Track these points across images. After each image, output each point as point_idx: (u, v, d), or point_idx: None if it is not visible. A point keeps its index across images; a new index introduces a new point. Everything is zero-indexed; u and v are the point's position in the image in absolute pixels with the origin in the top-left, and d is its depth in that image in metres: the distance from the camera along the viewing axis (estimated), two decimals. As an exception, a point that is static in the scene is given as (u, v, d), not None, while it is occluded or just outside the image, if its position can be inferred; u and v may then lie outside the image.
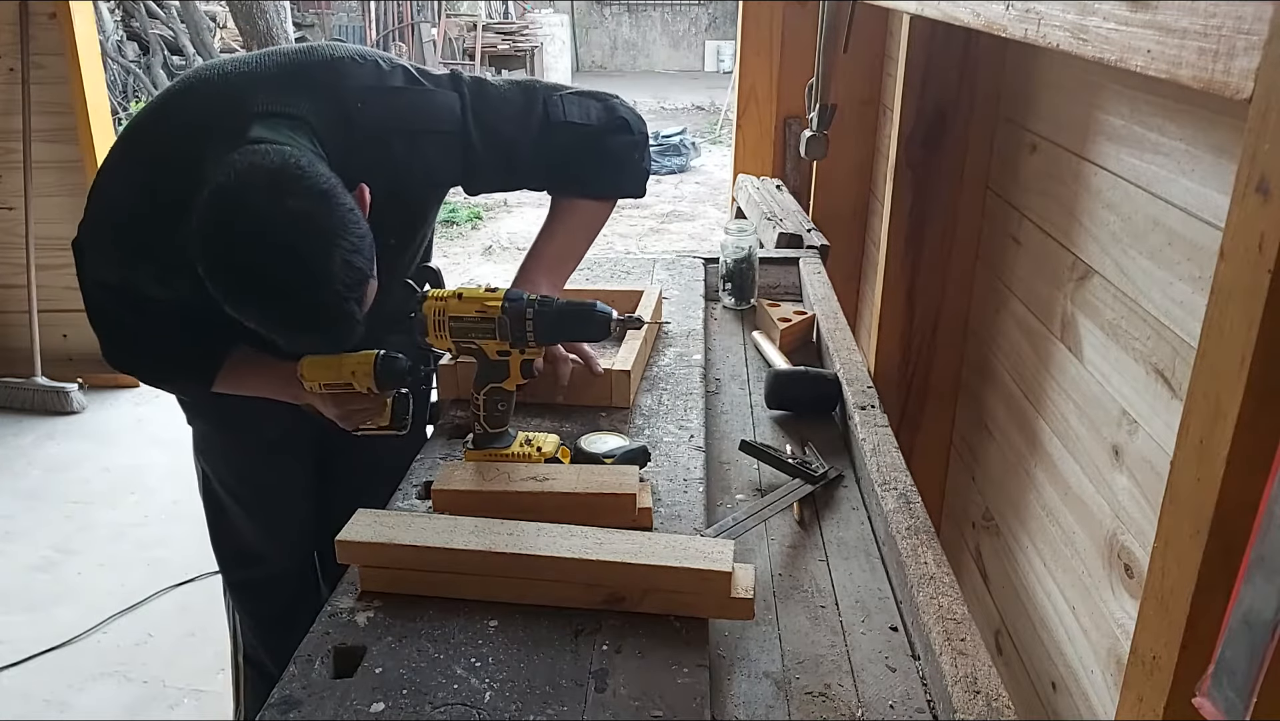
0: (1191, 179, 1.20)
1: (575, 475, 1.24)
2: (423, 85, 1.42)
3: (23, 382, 3.82)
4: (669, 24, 15.76)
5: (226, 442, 1.70)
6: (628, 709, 0.93)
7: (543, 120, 1.48)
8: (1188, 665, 0.74)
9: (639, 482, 1.24)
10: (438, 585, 1.09)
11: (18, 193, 3.75)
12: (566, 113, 1.50)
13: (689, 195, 8.06)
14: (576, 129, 1.50)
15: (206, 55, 9.11)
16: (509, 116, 1.47)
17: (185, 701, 2.39)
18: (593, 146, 1.53)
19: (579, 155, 1.53)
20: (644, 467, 1.34)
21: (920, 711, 1.00)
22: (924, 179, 2.03)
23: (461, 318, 1.28)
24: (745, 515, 1.31)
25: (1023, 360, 1.81)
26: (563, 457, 1.36)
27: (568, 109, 1.50)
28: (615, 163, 1.57)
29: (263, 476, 1.72)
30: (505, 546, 1.08)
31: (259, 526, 1.77)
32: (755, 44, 3.18)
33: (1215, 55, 0.67)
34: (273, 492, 1.74)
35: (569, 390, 1.53)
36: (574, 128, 1.50)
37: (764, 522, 1.34)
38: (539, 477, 1.23)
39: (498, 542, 1.08)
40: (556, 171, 1.54)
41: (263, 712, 0.93)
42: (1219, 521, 0.70)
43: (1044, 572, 1.67)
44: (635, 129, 1.57)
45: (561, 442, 1.39)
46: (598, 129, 1.53)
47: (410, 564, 1.09)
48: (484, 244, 6.79)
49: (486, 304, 1.27)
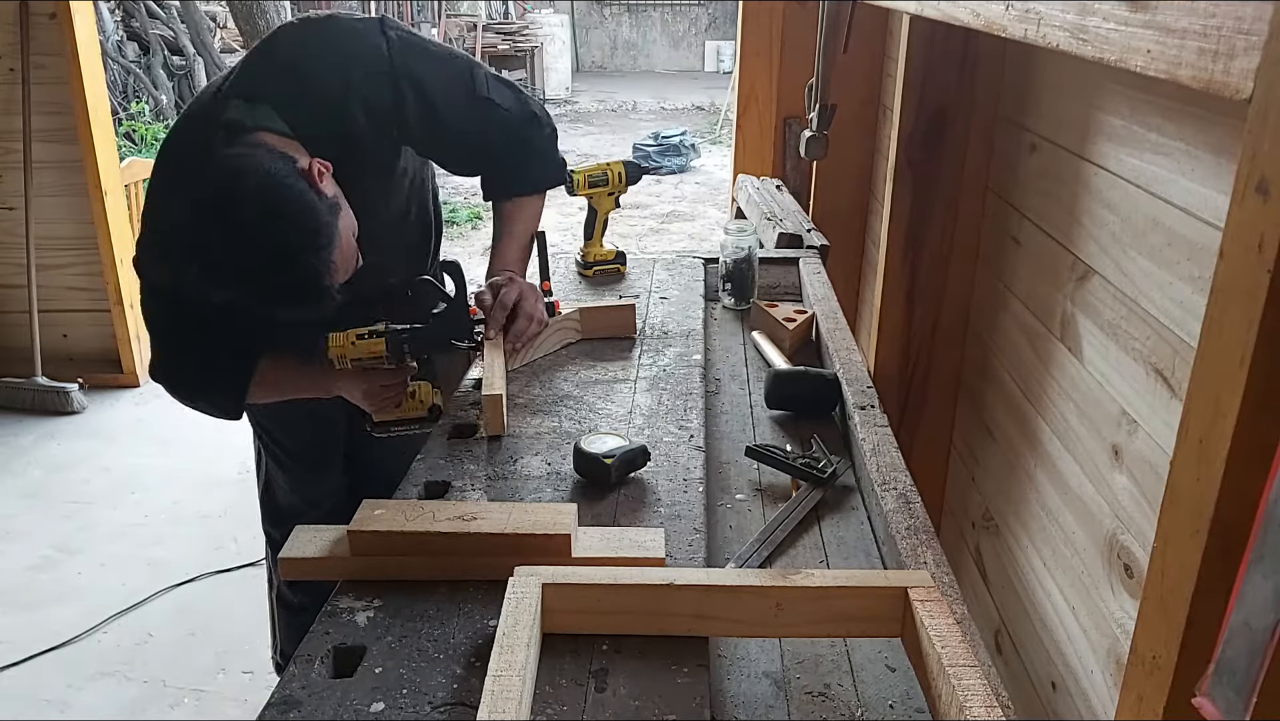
0: (1191, 179, 1.20)
1: (506, 514, 1.15)
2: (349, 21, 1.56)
3: (23, 382, 3.82)
4: (669, 24, 15.76)
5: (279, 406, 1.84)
6: (628, 709, 0.93)
7: (469, 87, 1.60)
8: (1188, 665, 0.74)
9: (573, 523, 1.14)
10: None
11: (18, 193, 3.76)
12: (491, 89, 1.62)
13: (689, 195, 8.06)
14: (497, 111, 1.63)
15: (206, 55, 9.11)
16: (436, 69, 1.58)
17: (185, 701, 2.39)
18: (518, 143, 1.68)
19: (508, 152, 1.67)
20: (643, 467, 1.34)
21: (920, 711, 1.00)
22: (924, 179, 2.03)
23: (360, 357, 1.57)
24: (759, 543, 1.28)
25: (1023, 360, 1.81)
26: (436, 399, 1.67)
27: (491, 87, 1.63)
28: (541, 158, 1.73)
29: (307, 435, 1.94)
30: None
31: (300, 483, 1.99)
32: (755, 44, 3.18)
33: (1215, 55, 0.67)
34: (314, 451, 1.96)
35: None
36: (494, 108, 1.62)
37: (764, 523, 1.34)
38: (465, 517, 1.15)
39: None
40: (485, 163, 1.70)
41: (262, 712, 0.93)
42: (1219, 521, 0.70)
43: (1044, 572, 1.67)
44: (545, 122, 1.73)
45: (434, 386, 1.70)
46: (517, 119, 1.66)
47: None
48: (484, 244, 6.80)
49: (373, 346, 1.57)
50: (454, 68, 1.61)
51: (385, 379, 1.62)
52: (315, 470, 1.99)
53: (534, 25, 13.14)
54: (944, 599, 0.99)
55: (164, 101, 8.74)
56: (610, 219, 2.14)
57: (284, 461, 1.98)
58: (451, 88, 1.58)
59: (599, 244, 2.13)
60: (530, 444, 1.45)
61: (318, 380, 1.65)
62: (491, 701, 0.85)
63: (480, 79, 1.62)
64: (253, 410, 1.84)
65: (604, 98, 13.00)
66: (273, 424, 1.94)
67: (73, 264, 3.90)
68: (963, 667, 0.88)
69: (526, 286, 1.64)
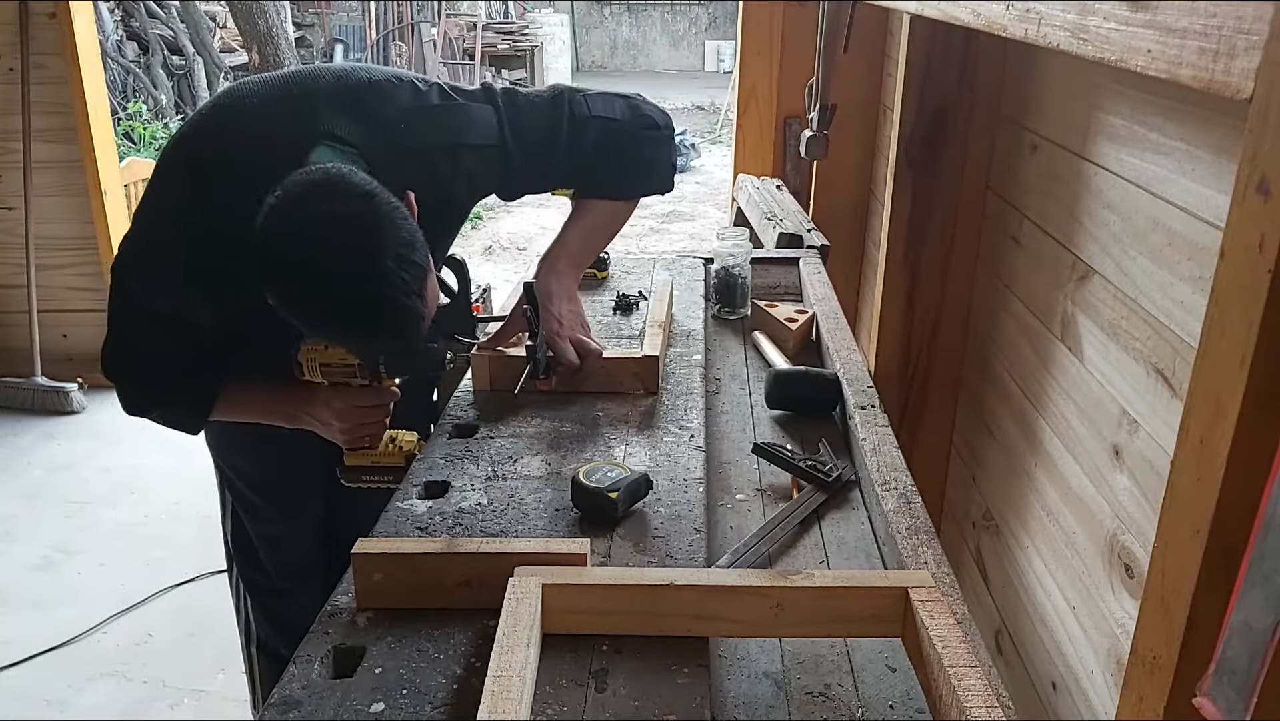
0: (1192, 179, 1.20)
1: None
2: (458, 101, 1.46)
3: (23, 382, 3.83)
4: (669, 24, 15.76)
5: (244, 436, 1.66)
6: (628, 709, 0.93)
7: (569, 119, 1.52)
8: (1188, 665, 0.74)
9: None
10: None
11: (17, 193, 3.76)
12: (592, 108, 1.54)
13: (689, 195, 8.06)
14: (604, 123, 1.54)
15: (206, 55, 9.11)
16: (542, 124, 1.51)
17: (185, 701, 2.39)
18: (623, 144, 1.57)
19: (610, 154, 1.56)
20: (645, 497, 1.29)
21: (921, 711, 1.00)
22: (924, 179, 2.03)
23: (330, 364, 1.43)
24: (757, 540, 1.27)
25: (1023, 360, 1.81)
26: (417, 451, 1.48)
27: (592, 105, 1.54)
28: (646, 162, 1.61)
29: (278, 470, 1.73)
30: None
31: (276, 518, 1.78)
32: (755, 44, 3.18)
33: (1215, 55, 0.67)
34: (288, 484, 1.75)
35: (588, 379, 1.60)
36: (601, 121, 1.54)
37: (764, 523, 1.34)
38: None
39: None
40: (586, 170, 1.57)
41: (262, 712, 0.93)
42: (1219, 521, 0.70)
43: (1044, 572, 1.67)
44: (662, 124, 1.61)
45: (419, 439, 1.53)
46: (625, 123, 1.56)
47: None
48: (484, 244, 6.80)
49: (347, 356, 1.43)
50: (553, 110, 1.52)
51: (362, 399, 1.47)
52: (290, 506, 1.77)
53: (534, 25, 13.14)
54: (944, 599, 0.99)
55: (163, 101, 8.74)
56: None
57: (250, 498, 1.77)
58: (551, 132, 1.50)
59: None
60: (530, 444, 1.45)
61: (285, 403, 1.48)
62: (491, 701, 0.85)
63: (579, 104, 1.53)
64: (220, 442, 1.70)
65: (604, 97, 12.98)
66: (237, 457, 1.74)
67: (72, 264, 3.90)
68: (963, 668, 0.88)
69: (575, 329, 1.56)
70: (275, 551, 1.79)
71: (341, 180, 1.19)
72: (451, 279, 1.59)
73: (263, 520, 1.77)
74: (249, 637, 1.90)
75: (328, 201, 1.16)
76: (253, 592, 1.85)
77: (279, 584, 1.81)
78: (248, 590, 1.86)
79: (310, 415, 1.48)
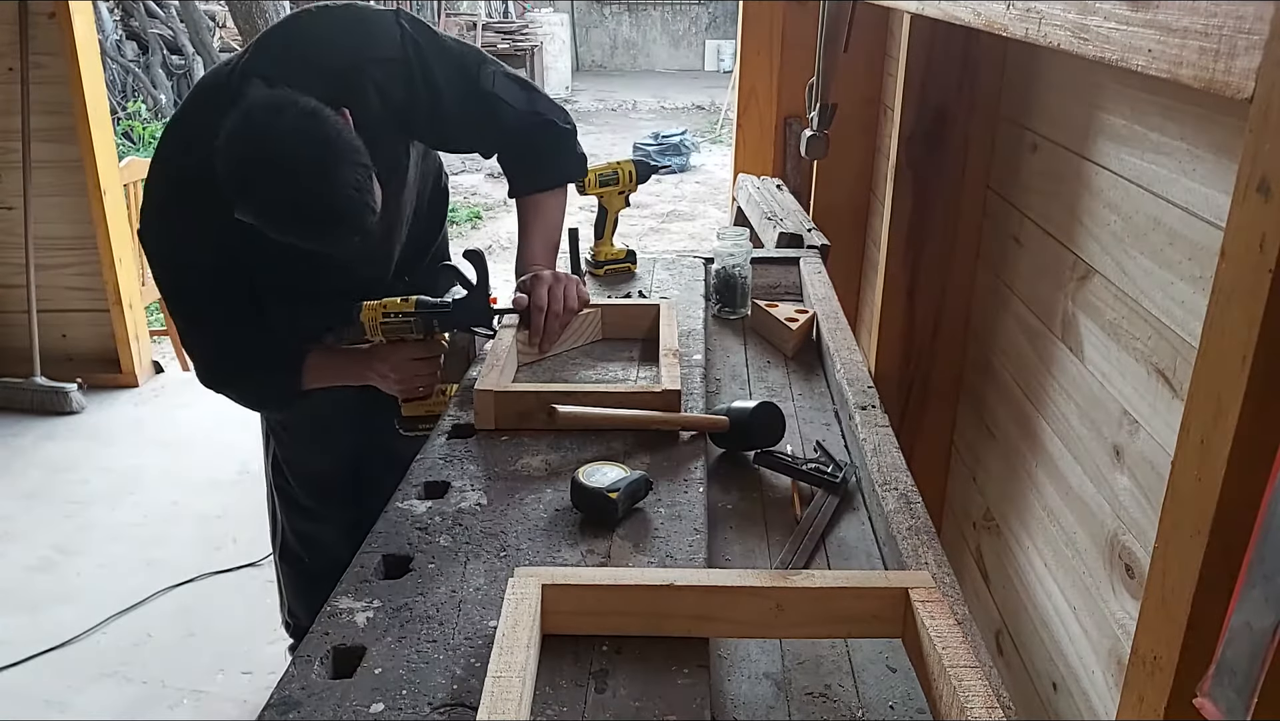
0: (1192, 178, 1.20)
1: None
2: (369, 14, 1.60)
3: (22, 383, 3.82)
4: (669, 23, 15.76)
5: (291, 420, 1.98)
6: (628, 710, 0.93)
7: (474, 81, 1.64)
8: (1189, 665, 0.74)
9: None
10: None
11: (17, 192, 3.75)
12: (497, 85, 1.66)
13: (689, 195, 8.06)
14: (502, 106, 1.67)
15: (206, 55, 9.11)
16: (445, 61, 1.62)
17: (185, 701, 2.39)
18: (530, 140, 1.72)
19: (520, 149, 1.72)
20: (645, 497, 1.28)
21: (921, 712, 1.00)
22: (924, 179, 2.03)
23: (390, 318, 1.63)
24: (792, 555, 1.26)
25: (1024, 360, 1.81)
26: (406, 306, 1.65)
27: (499, 83, 1.67)
28: (554, 154, 1.77)
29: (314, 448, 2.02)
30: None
31: (313, 497, 2.06)
32: (756, 43, 3.18)
33: (1216, 55, 0.67)
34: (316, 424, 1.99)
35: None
36: (499, 103, 1.66)
37: (764, 523, 1.34)
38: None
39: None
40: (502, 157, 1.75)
41: (262, 712, 0.93)
42: (1219, 521, 0.70)
43: (1045, 573, 1.66)
44: (561, 119, 1.76)
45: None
46: (525, 117, 1.69)
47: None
48: (484, 243, 6.80)
49: (405, 309, 1.64)
50: (463, 61, 1.64)
51: (416, 351, 1.67)
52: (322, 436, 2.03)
53: (534, 24, 13.14)
54: (945, 599, 0.99)
55: (162, 101, 8.75)
56: (611, 218, 2.14)
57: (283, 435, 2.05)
58: (457, 80, 1.62)
59: (610, 243, 2.13)
60: (530, 444, 1.45)
61: (352, 365, 1.71)
62: (491, 701, 0.85)
63: (487, 74, 1.65)
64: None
65: (604, 97, 12.99)
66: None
67: (71, 264, 3.90)
68: (964, 668, 0.88)
69: (550, 275, 1.66)
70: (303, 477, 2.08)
71: (288, 98, 1.37)
72: (470, 271, 1.60)
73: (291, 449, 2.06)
74: (278, 548, 2.19)
75: (280, 115, 1.35)
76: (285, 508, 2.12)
77: (305, 502, 2.09)
78: (281, 505, 2.13)
79: (372, 370, 1.69)
